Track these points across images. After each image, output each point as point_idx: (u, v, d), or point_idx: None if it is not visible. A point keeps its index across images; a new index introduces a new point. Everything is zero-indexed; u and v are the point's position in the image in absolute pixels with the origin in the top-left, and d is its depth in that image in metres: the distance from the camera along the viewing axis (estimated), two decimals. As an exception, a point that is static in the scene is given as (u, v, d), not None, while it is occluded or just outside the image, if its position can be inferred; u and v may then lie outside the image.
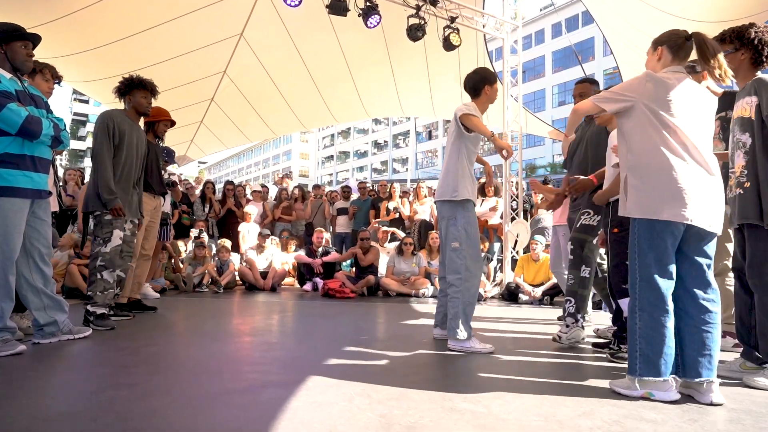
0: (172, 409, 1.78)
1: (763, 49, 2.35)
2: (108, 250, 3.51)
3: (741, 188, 2.33)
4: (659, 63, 2.21)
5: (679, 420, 1.78)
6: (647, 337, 2.01)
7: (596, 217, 3.25)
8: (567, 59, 37.82)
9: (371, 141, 57.84)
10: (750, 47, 2.37)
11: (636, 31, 7.40)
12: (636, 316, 2.07)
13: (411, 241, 6.67)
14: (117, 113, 3.73)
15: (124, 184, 3.65)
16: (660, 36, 2.23)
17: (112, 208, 3.50)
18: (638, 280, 2.08)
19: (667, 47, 2.18)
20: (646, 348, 2.00)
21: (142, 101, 3.87)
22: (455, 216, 3.09)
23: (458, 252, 3.05)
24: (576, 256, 3.26)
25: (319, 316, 4.53)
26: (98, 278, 3.50)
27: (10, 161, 2.64)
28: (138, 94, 3.87)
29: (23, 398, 1.87)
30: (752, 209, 2.27)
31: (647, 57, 2.28)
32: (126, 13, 6.72)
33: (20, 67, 2.76)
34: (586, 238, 3.24)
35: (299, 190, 8.85)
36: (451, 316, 3.04)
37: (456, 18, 7.04)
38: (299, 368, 2.42)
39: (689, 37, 2.15)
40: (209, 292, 6.41)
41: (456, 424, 1.69)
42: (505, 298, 6.27)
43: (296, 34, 8.00)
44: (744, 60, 2.40)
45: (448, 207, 3.13)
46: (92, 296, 3.48)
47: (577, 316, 3.23)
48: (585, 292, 3.26)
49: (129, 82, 3.89)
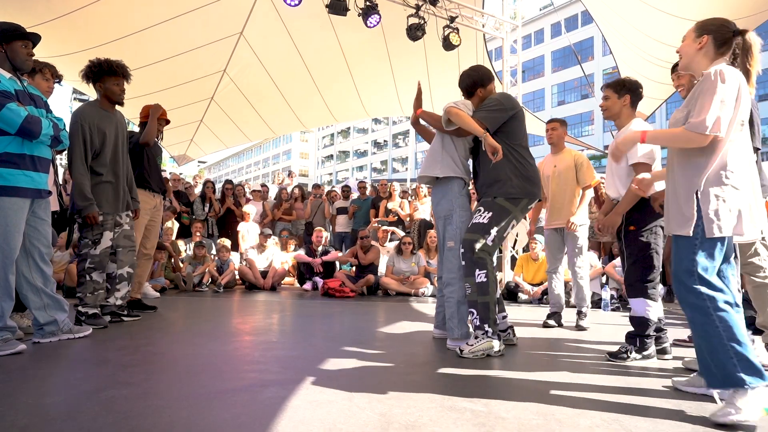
0: (172, 408, 1.78)
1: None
2: (97, 252, 3.48)
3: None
4: (701, 52, 2.00)
5: (679, 420, 1.79)
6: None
7: (487, 214, 2.88)
8: (566, 59, 37.83)
9: (371, 140, 57.84)
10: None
11: (635, 30, 7.41)
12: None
13: (410, 241, 6.67)
14: (90, 110, 3.49)
15: (113, 179, 3.55)
16: (706, 23, 2.02)
17: (87, 216, 3.37)
18: None
19: (713, 39, 1.98)
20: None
21: (114, 89, 3.57)
22: (451, 215, 3.08)
23: (453, 251, 3.04)
24: (468, 260, 2.85)
25: (319, 315, 4.53)
26: (87, 280, 3.48)
27: (10, 160, 2.65)
28: (110, 81, 3.55)
29: (23, 397, 1.88)
30: None
31: (685, 41, 2.06)
32: (126, 12, 6.72)
33: (20, 66, 2.76)
34: (477, 238, 2.84)
35: (299, 189, 8.86)
36: (448, 316, 3.04)
37: (456, 18, 7.05)
38: (299, 367, 2.42)
39: (738, 33, 1.98)
40: (209, 292, 6.41)
41: (455, 423, 1.69)
42: (505, 298, 6.27)
43: (296, 33, 8.00)
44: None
45: (445, 204, 3.10)
46: (82, 297, 3.47)
47: (485, 326, 2.80)
48: (486, 299, 2.82)
49: (98, 68, 3.55)
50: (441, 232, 3.18)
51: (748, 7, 6.11)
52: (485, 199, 2.94)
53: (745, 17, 6.16)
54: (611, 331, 3.90)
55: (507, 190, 2.89)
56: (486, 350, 2.75)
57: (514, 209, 2.89)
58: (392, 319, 4.30)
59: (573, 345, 3.29)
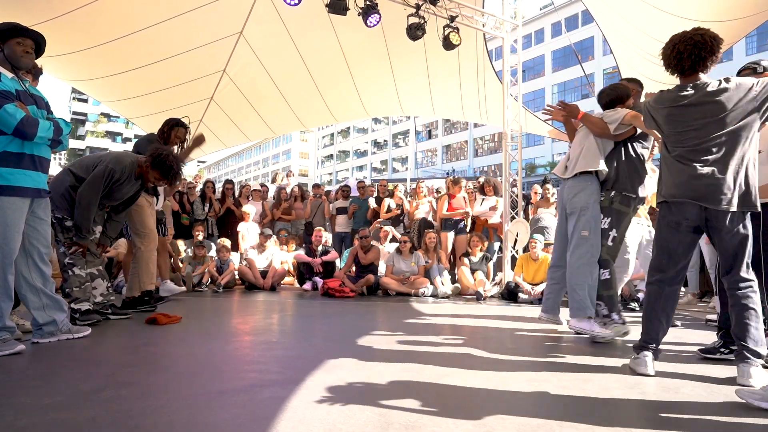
0: (172, 408, 1.78)
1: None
2: (72, 250, 3.57)
3: None
4: None
5: (679, 420, 1.79)
6: None
7: (606, 220, 3.41)
8: (567, 58, 37.83)
9: (371, 140, 57.83)
10: None
11: (636, 30, 7.40)
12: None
13: (407, 240, 6.67)
14: (130, 166, 3.62)
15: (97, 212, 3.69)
16: None
17: (79, 244, 3.55)
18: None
19: None
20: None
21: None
22: (588, 207, 3.39)
23: (586, 239, 3.36)
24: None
25: (319, 315, 4.53)
26: (70, 275, 3.56)
27: (10, 160, 2.64)
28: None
29: (22, 397, 1.87)
30: None
31: None
32: (125, 11, 6.71)
33: (17, 64, 2.75)
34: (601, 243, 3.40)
35: (298, 189, 8.85)
36: (571, 297, 3.38)
37: (456, 17, 7.04)
38: (299, 367, 2.42)
39: None
40: (209, 292, 6.40)
41: (455, 423, 1.69)
42: (505, 298, 6.27)
43: (296, 33, 7.99)
44: None
45: (583, 197, 3.40)
46: (70, 293, 3.51)
47: (612, 315, 3.38)
48: (611, 292, 3.41)
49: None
50: (571, 223, 3.46)
51: (748, 7, 6.10)
52: (604, 204, 3.41)
53: (745, 17, 6.16)
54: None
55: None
56: (615, 334, 3.26)
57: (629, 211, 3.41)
58: (392, 320, 4.30)
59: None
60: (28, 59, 2.81)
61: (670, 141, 2.51)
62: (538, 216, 7.48)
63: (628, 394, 2.09)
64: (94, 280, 3.77)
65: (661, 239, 2.53)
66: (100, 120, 59.86)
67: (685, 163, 2.41)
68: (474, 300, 6.09)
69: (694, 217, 2.39)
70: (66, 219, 3.49)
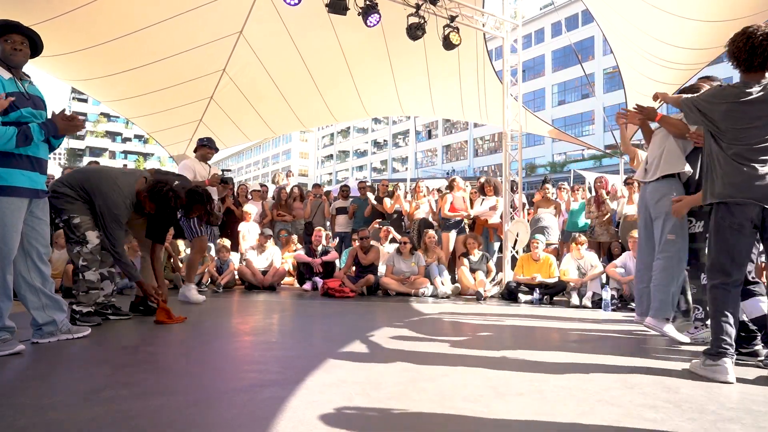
0: (172, 408, 1.78)
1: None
2: (89, 249, 3.52)
3: None
4: None
5: (679, 419, 1.78)
6: None
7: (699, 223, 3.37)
8: (567, 58, 37.83)
9: (371, 140, 57.83)
10: None
11: (636, 29, 7.40)
12: None
13: (407, 240, 6.67)
14: (137, 206, 3.67)
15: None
16: None
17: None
18: None
19: None
20: None
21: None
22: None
23: (673, 242, 3.31)
24: (693, 266, 3.42)
25: (319, 315, 4.53)
26: (80, 278, 3.53)
27: (8, 160, 2.63)
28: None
29: (22, 398, 1.87)
30: None
31: None
32: (125, 11, 6.71)
33: (8, 62, 2.72)
34: (699, 246, 3.37)
35: (298, 189, 8.85)
36: (655, 296, 3.33)
37: (456, 17, 7.03)
38: (298, 367, 2.41)
39: None
40: (209, 292, 6.40)
41: (456, 423, 1.69)
42: (505, 298, 6.27)
43: (296, 32, 7.99)
44: None
45: (667, 201, 3.31)
46: (76, 296, 3.50)
47: (707, 321, 3.35)
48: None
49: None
50: (657, 227, 3.39)
51: (748, 7, 6.10)
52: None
53: (745, 17, 6.15)
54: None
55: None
56: (706, 338, 3.15)
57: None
58: (392, 320, 4.30)
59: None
60: (20, 56, 2.74)
61: (727, 137, 2.46)
62: (539, 216, 7.48)
63: (629, 394, 2.09)
64: (104, 281, 3.73)
65: (723, 242, 2.46)
66: (99, 120, 59.92)
67: (742, 163, 2.39)
68: (474, 300, 6.09)
69: (755, 217, 2.38)
70: (73, 218, 3.47)
